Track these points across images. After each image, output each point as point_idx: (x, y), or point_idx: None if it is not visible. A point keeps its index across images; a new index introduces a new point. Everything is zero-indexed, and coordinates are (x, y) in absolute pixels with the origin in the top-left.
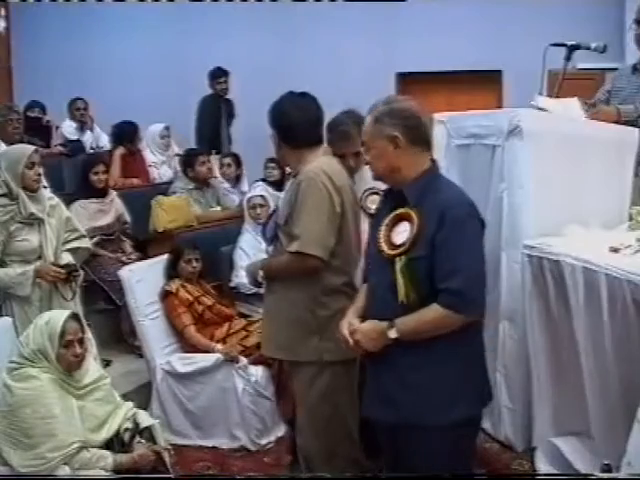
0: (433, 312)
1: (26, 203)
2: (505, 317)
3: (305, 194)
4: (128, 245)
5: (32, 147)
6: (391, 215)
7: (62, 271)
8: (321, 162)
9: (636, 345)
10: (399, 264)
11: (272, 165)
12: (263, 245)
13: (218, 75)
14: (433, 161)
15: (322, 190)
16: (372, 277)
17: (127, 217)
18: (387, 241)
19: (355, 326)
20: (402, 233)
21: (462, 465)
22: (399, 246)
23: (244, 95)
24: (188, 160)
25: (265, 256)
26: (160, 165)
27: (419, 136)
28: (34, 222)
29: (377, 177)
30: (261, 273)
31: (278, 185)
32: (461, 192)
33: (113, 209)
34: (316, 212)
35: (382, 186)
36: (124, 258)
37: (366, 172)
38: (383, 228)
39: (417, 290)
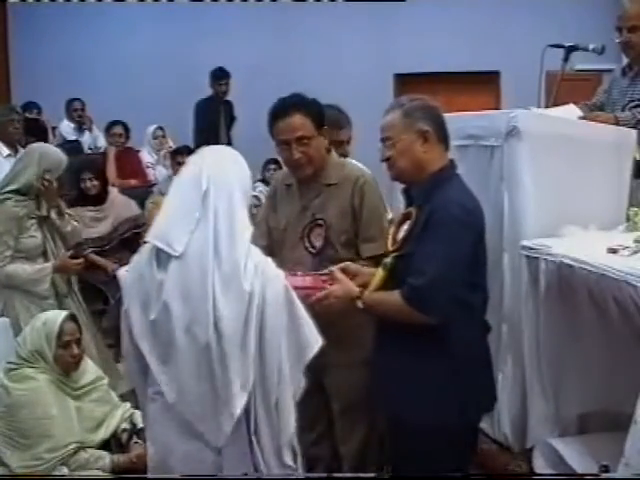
0: (394, 298)
1: (43, 202)
2: (507, 318)
3: (374, 197)
4: (126, 257)
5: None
6: (401, 213)
7: (81, 261)
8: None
9: (634, 346)
10: (388, 260)
11: (274, 167)
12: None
13: (220, 76)
14: (451, 161)
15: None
16: None
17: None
18: (393, 238)
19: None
20: (403, 232)
21: (456, 468)
22: (397, 243)
23: (243, 96)
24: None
25: None
26: (155, 165)
27: (444, 134)
28: (41, 219)
29: (396, 175)
30: None
31: None
32: (461, 196)
33: (112, 215)
34: (383, 214)
35: None
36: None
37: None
38: (393, 226)
39: (393, 287)
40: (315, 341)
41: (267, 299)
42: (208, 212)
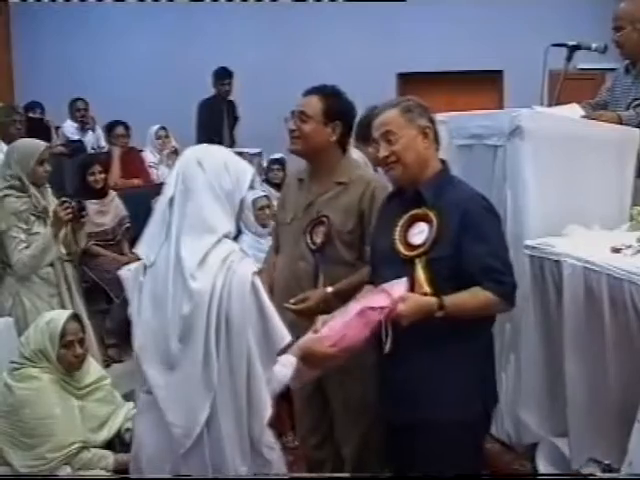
0: (480, 297)
1: (38, 197)
2: (511, 317)
3: None
4: (126, 247)
5: (44, 143)
6: (406, 216)
7: (69, 210)
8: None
9: (636, 346)
10: (420, 264)
11: (277, 167)
12: (264, 246)
13: (223, 76)
14: (443, 162)
15: None
16: (386, 277)
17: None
18: (403, 242)
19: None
20: (419, 234)
21: (477, 462)
22: (417, 247)
23: (245, 96)
24: None
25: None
26: (158, 165)
27: (437, 135)
28: (43, 216)
29: (400, 173)
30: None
31: (279, 186)
32: (474, 190)
33: (113, 210)
34: None
35: None
36: (124, 258)
37: None
38: (398, 229)
39: (435, 289)
40: (282, 338)
41: (232, 296)
42: (172, 221)
